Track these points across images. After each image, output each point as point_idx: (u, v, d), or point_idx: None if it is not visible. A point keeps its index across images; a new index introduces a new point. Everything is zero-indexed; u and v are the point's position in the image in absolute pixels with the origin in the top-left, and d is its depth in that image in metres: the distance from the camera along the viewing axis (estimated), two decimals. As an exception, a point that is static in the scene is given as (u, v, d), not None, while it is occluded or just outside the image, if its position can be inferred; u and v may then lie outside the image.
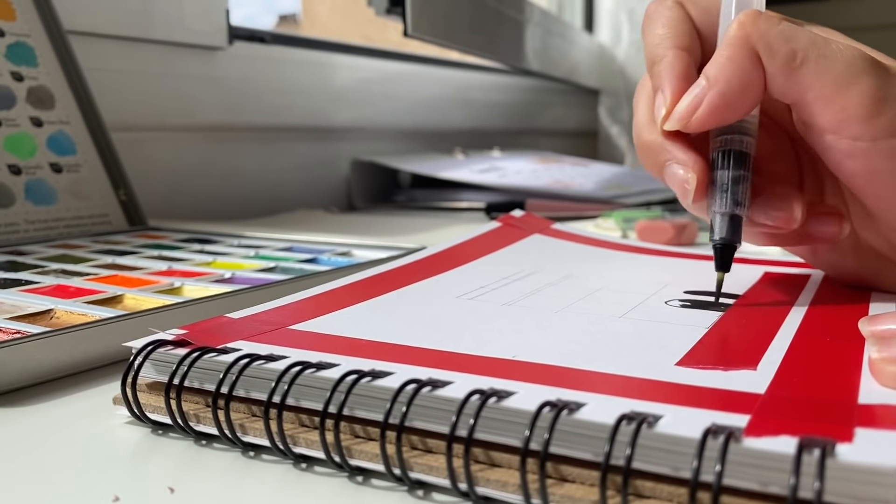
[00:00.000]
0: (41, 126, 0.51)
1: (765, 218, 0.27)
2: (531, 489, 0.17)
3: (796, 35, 0.25)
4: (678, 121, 0.27)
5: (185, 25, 0.70)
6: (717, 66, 0.26)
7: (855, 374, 0.20)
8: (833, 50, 0.25)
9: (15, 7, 0.52)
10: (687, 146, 0.28)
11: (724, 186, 0.27)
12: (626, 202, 0.79)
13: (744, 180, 0.27)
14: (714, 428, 0.16)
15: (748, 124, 0.28)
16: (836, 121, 0.25)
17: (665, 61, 0.28)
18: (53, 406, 0.24)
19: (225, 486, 0.19)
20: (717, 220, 0.27)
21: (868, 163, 0.26)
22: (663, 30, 0.29)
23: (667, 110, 0.27)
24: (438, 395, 0.19)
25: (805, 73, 0.25)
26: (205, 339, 0.23)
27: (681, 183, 0.27)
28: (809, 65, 0.25)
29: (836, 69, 0.25)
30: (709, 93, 0.26)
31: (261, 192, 0.80)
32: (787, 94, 0.26)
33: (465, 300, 0.29)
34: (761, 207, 0.27)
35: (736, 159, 0.27)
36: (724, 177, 0.27)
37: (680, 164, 0.27)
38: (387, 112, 0.98)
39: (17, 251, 0.44)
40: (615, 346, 0.23)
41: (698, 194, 0.27)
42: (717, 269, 0.28)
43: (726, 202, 0.27)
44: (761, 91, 0.26)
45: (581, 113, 1.46)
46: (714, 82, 0.26)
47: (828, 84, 0.25)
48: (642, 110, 0.29)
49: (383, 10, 0.76)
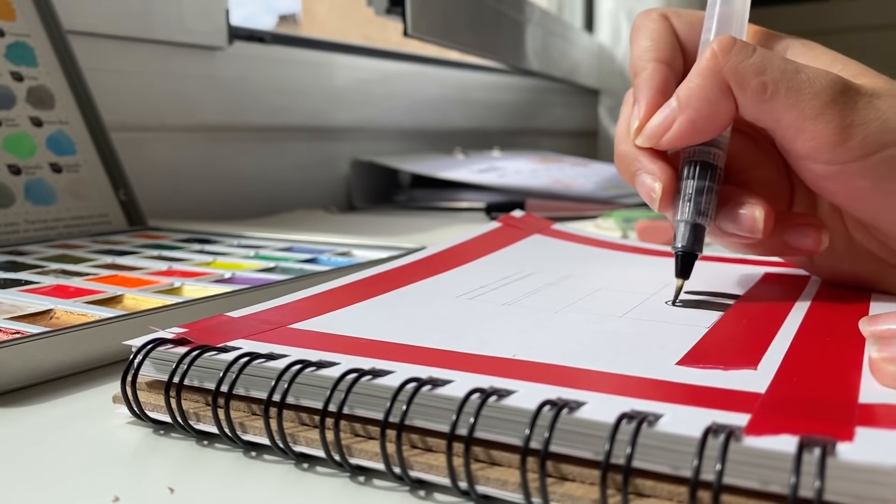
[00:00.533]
0: (41, 126, 0.51)
1: (731, 227, 0.28)
2: (531, 488, 0.17)
3: (767, 67, 0.26)
4: (648, 139, 0.28)
5: (184, 25, 0.70)
6: (687, 92, 0.27)
7: (855, 373, 0.20)
8: (802, 80, 0.25)
9: (15, 7, 0.52)
10: (656, 156, 0.29)
11: (688, 196, 0.28)
12: (626, 202, 0.79)
13: (708, 191, 0.28)
14: (714, 427, 0.16)
15: (719, 138, 0.28)
16: (808, 148, 0.26)
17: (644, 74, 0.29)
18: (53, 406, 0.24)
19: (225, 486, 0.19)
20: (680, 228, 0.28)
21: (842, 183, 0.27)
22: (646, 42, 0.30)
23: (640, 123, 0.28)
24: (438, 393, 0.19)
25: (775, 105, 0.26)
26: (205, 337, 0.23)
27: (648, 191, 0.28)
28: (779, 97, 0.26)
29: (804, 99, 0.25)
30: (679, 117, 0.27)
31: (261, 192, 0.80)
32: (761, 122, 0.27)
33: (465, 300, 0.29)
34: (728, 216, 0.28)
35: (702, 170, 0.28)
36: (688, 187, 0.28)
37: (648, 174, 0.28)
38: (387, 112, 0.98)
39: (16, 251, 0.44)
40: (615, 345, 0.23)
41: (664, 203, 0.28)
42: (676, 275, 0.28)
43: (689, 211, 0.28)
44: (730, 117, 0.27)
45: (581, 113, 1.46)
46: (684, 107, 0.27)
47: (797, 115, 0.25)
48: (622, 122, 0.31)
49: (383, 9, 0.76)
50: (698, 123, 0.27)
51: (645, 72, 0.29)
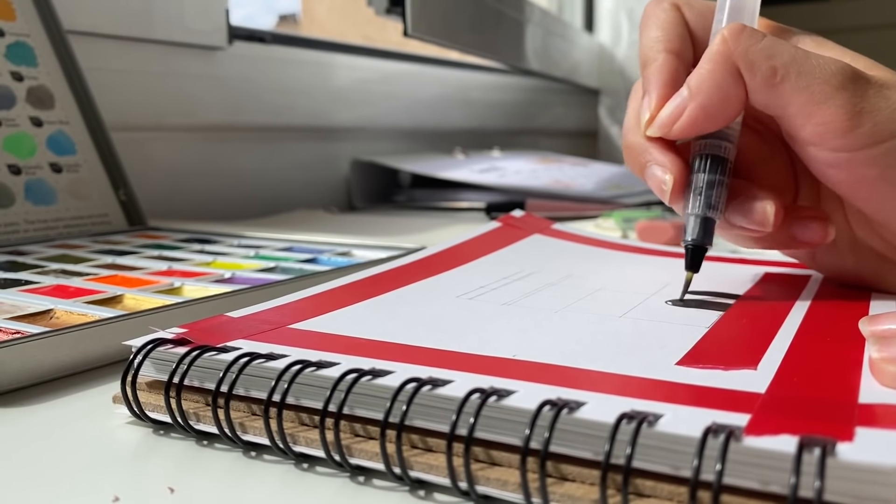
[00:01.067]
0: (41, 126, 0.51)
1: (740, 220, 0.28)
2: (531, 488, 0.17)
3: (777, 51, 0.26)
4: (660, 128, 0.28)
5: (185, 25, 0.70)
6: (698, 79, 0.27)
7: (855, 373, 0.20)
8: (812, 66, 0.25)
9: (15, 7, 0.52)
10: (667, 148, 0.28)
11: (699, 189, 0.28)
12: (626, 202, 0.79)
13: (719, 184, 0.28)
14: (714, 427, 0.16)
15: (729, 130, 0.28)
16: (816, 134, 0.26)
17: (654, 65, 0.29)
18: (53, 406, 0.24)
19: (225, 486, 0.19)
20: (690, 221, 0.28)
21: (850, 171, 0.26)
22: (657, 32, 0.30)
23: (650, 114, 0.28)
24: (438, 393, 0.19)
25: (785, 89, 0.26)
26: (205, 337, 0.23)
27: (658, 183, 0.28)
28: (789, 81, 0.26)
29: (815, 84, 0.25)
30: (689, 104, 0.27)
31: (261, 192, 0.80)
32: (769, 108, 0.27)
33: (465, 300, 0.29)
34: (738, 210, 0.28)
35: (713, 164, 0.28)
36: (699, 180, 0.28)
37: (659, 166, 0.28)
38: (387, 112, 0.98)
39: (16, 251, 0.44)
40: (615, 345, 0.23)
41: (674, 195, 0.28)
42: (686, 268, 0.29)
43: (699, 205, 0.28)
44: (741, 104, 0.27)
45: (581, 113, 1.46)
46: (695, 94, 0.27)
47: (806, 99, 0.25)
48: (631, 113, 0.30)
49: (383, 9, 0.76)
50: (709, 110, 0.27)
51: (655, 63, 0.29)
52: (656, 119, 0.28)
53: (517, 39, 1.04)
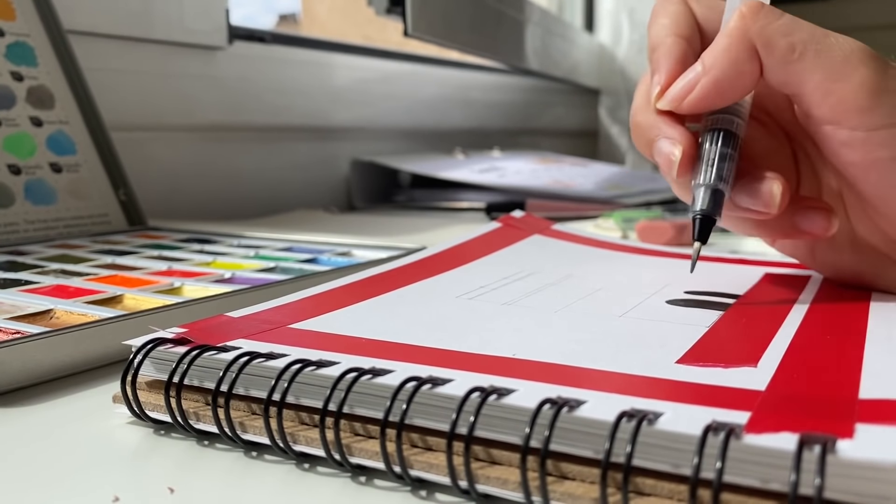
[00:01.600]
0: (41, 126, 0.51)
1: (746, 201, 0.28)
2: (531, 487, 0.17)
3: (795, 29, 0.26)
4: (671, 101, 0.28)
5: (184, 25, 0.70)
6: (713, 54, 0.27)
7: (855, 371, 0.20)
8: (831, 43, 0.26)
9: (15, 7, 0.52)
10: (676, 122, 0.28)
11: (711, 161, 0.27)
12: (626, 202, 0.79)
13: (730, 158, 0.27)
14: (714, 425, 0.16)
15: (740, 107, 0.28)
16: (834, 112, 0.26)
17: (663, 47, 0.29)
18: (53, 406, 0.24)
19: (226, 486, 0.19)
20: (700, 192, 0.27)
21: (865, 152, 0.26)
22: (665, 20, 0.30)
23: (661, 89, 0.28)
24: (438, 392, 0.19)
25: (803, 65, 0.26)
26: (205, 337, 0.23)
27: (667, 155, 0.28)
28: (808, 57, 0.25)
29: (834, 61, 0.25)
30: (702, 79, 0.27)
31: (260, 192, 0.80)
32: (786, 86, 0.27)
33: (465, 300, 0.29)
34: (744, 190, 0.28)
35: (724, 137, 0.28)
36: (711, 152, 0.27)
37: (668, 139, 0.28)
38: (386, 112, 0.98)
39: (16, 251, 0.44)
40: (615, 344, 0.23)
41: (682, 168, 0.27)
42: (694, 239, 0.28)
43: (710, 175, 0.27)
44: (754, 81, 0.27)
45: (581, 113, 1.46)
46: (709, 69, 0.27)
47: (825, 76, 0.25)
48: (639, 96, 0.30)
49: (383, 9, 0.76)
50: (722, 85, 0.27)
51: (664, 45, 0.29)
52: (668, 92, 0.28)
53: (517, 39, 1.04)
